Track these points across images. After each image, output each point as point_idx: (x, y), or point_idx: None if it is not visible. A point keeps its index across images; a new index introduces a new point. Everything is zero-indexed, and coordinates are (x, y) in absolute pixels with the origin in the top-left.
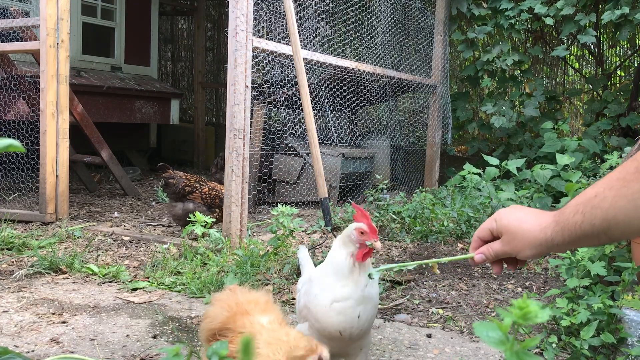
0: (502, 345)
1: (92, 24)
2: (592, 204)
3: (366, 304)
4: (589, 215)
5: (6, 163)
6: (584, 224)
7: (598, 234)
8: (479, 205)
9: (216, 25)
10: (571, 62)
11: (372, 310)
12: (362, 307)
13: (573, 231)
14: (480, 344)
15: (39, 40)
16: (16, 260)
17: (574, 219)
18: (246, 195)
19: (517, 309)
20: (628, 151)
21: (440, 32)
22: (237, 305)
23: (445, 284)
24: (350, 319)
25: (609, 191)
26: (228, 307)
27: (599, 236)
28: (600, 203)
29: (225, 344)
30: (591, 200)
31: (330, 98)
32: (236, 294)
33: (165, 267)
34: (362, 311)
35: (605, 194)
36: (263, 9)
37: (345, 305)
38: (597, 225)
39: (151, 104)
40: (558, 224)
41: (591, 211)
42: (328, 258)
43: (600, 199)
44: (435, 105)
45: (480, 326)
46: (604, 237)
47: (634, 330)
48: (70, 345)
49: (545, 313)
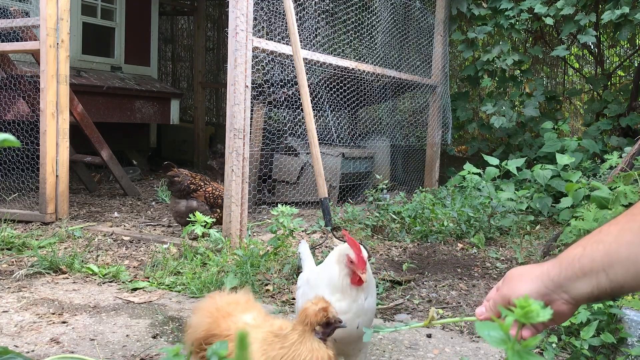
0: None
1: (92, 24)
2: (595, 238)
3: (365, 315)
4: (590, 249)
5: (6, 163)
6: (583, 257)
7: (598, 271)
8: (479, 205)
9: (216, 25)
10: (571, 62)
11: (371, 317)
12: (361, 319)
13: (571, 263)
14: (480, 343)
15: (39, 40)
16: (16, 260)
17: (574, 252)
18: (246, 195)
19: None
20: (628, 151)
21: (440, 32)
22: (218, 310)
23: (445, 284)
24: (348, 330)
25: (615, 226)
26: (209, 314)
27: (599, 275)
28: (603, 237)
29: (225, 344)
30: (595, 234)
31: (330, 98)
32: (215, 299)
33: (165, 267)
34: (360, 322)
35: (610, 229)
36: (263, 9)
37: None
38: (597, 260)
39: (151, 104)
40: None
41: (593, 245)
42: (323, 267)
43: (604, 233)
44: (435, 105)
45: (482, 325)
46: (604, 278)
47: (634, 330)
48: (70, 345)
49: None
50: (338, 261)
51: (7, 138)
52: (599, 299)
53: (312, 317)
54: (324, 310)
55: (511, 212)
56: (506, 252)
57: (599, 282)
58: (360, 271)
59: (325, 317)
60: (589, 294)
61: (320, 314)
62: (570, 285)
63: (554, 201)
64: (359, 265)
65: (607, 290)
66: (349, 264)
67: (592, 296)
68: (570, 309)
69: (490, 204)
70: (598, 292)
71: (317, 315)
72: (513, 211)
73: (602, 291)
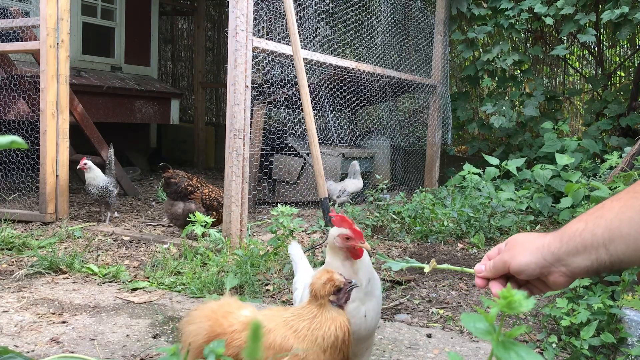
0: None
1: (92, 24)
2: (597, 214)
3: (370, 302)
4: (592, 224)
5: (6, 163)
6: (584, 231)
7: (598, 246)
8: (479, 205)
9: (216, 25)
10: (571, 62)
11: (377, 308)
12: (367, 306)
13: (572, 237)
14: (480, 343)
15: (39, 40)
16: (16, 260)
17: (575, 226)
18: (246, 195)
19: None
20: (628, 151)
21: (440, 32)
22: (215, 311)
23: (445, 284)
24: (358, 321)
25: (617, 202)
26: (207, 317)
27: (599, 250)
28: (605, 213)
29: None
30: (597, 209)
31: (330, 98)
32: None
33: (165, 267)
34: (367, 310)
35: (612, 204)
36: (263, 9)
37: (351, 308)
38: (598, 235)
39: (151, 104)
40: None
41: (595, 220)
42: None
43: (606, 209)
44: (435, 105)
45: (467, 317)
46: (604, 253)
47: (634, 330)
48: (70, 345)
49: (530, 302)
50: (333, 252)
51: (15, 140)
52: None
53: (320, 290)
54: (330, 280)
55: (511, 212)
56: None
57: (599, 256)
58: (360, 242)
59: (333, 286)
60: (588, 267)
61: (327, 285)
62: (569, 259)
63: (554, 201)
64: (356, 236)
65: (606, 264)
66: (344, 241)
67: (591, 269)
68: (567, 281)
69: (490, 204)
70: (597, 266)
71: (325, 287)
72: (513, 211)
73: (602, 265)
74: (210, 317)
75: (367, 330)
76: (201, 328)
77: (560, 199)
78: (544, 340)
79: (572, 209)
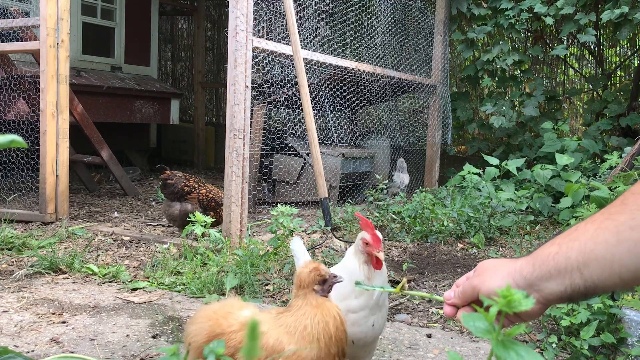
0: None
1: (92, 24)
2: (570, 236)
3: (380, 312)
4: (565, 247)
5: (6, 163)
6: (558, 255)
7: (572, 270)
8: (479, 205)
9: (216, 25)
10: (571, 62)
11: (384, 317)
12: (376, 317)
13: (545, 261)
14: (480, 343)
15: (39, 40)
16: (16, 260)
17: (549, 249)
18: (246, 195)
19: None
20: (628, 151)
21: (440, 32)
22: (215, 312)
23: (445, 284)
24: (365, 329)
25: (591, 224)
26: (208, 318)
27: (573, 275)
28: (579, 235)
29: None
30: (571, 232)
31: (330, 98)
32: (207, 306)
33: (165, 267)
34: (375, 320)
35: (586, 227)
36: (263, 9)
37: (360, 316)
38: (572, 259)
39: (151, 104)
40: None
41: (568, 243)
42: (341, 265)
43: (580, 231)
44: (435, 105)
45: (467, 317)
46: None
47: (634, 330)
48: (70, 345)
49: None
50: (355, 252)
51: (15, 139)
52: (571, 299)
53: (306, 279)
54: (316, 269)
55: (511, 212)
56: (506, 252)
57: (573, 281)
58: (376, 250)
59: (318, 274)
60: (562, 293)
61: (313, 273)
62: (542, 285)
63: (554, 201)
64: (375, 244)
65: (580, 289)
66: (364, 247)
67: (564, 295)
68: (540, 309)
69: (490, 204)
70: (571, 292)
71: (310, 275)
72: (513, 211)
73: (575, 290)
74: (211, 318)
75: (373, 337)
76: (202, 329)
77: (560, 199)
78: (544, 340)
79: (572, 209)
